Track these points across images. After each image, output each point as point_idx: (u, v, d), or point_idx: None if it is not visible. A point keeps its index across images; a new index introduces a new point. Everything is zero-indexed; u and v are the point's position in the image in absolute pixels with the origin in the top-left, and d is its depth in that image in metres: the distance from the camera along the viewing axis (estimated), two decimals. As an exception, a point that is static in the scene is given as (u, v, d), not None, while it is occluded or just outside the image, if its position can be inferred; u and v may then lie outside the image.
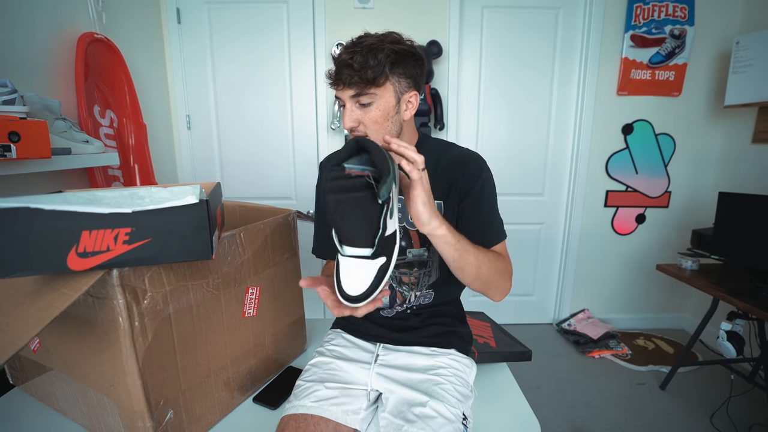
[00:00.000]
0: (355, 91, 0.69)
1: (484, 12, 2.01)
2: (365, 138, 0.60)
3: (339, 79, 0.70)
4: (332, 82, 0.72)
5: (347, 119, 0.72)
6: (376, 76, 0.68)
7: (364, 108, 0.71)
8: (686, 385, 1.78)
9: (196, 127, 2.08)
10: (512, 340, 1.04)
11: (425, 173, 0.59)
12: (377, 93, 0.70)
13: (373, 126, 0.72)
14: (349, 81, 0.68)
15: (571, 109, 2.12)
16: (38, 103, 1.05)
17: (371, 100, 0.70)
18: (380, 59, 0.67)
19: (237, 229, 0.77)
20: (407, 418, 0.67)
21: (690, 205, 2.19)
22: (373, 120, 0.71)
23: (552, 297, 2.36)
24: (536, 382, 1.82)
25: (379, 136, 0.72)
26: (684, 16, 1.96)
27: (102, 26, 1.44)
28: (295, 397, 0.74)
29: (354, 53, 0.67)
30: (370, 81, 0.68)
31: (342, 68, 0.68)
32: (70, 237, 0.51)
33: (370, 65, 0.67)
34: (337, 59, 0.70)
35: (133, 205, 0.51)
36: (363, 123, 0.71)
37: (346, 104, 0.72)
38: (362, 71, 0.67)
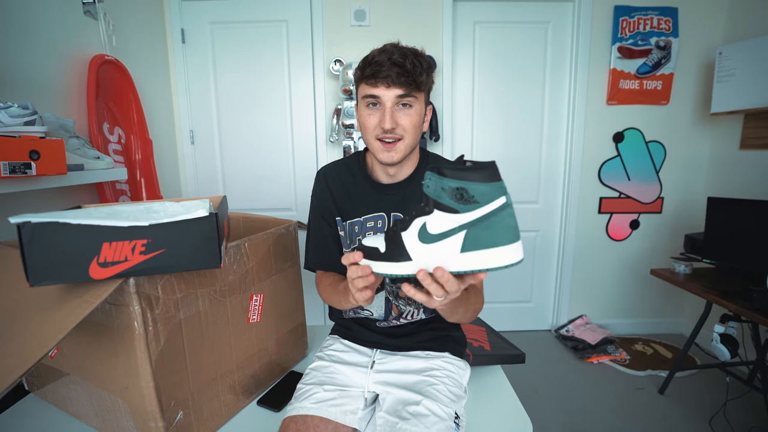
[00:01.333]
0: (403, 92, 0.69)
1: (476, 27, 2.09)
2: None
3: (385, 77, 0.68)
4: (370, 79, 0.70)
5: (388, 119, 0.70)
6: (423, 80, 0.71)
7: (404, 111, 0.72)
8: (684, 389, 1.81)
9: (200, 142, 2.15)
10: (507, 344, 1.08)
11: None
12: (417, 98, 0.72)
13: (411, 131, 0.73)
14: (398, 80, 0.68)
15: (562, 119, 2.19)
16: (55, 123, 1.11)
17: (412, 104, 0.71)
18: (425, 66, 0.71)
19: (242, 240, 0.82)
20: (402, 416, 0.70)
21: (682, 210, 2.24)
22: (412, 124, 0.72)
23: (550, 303, 2.40)
24: (534, 388, 1.84)
25: (412, 140, 0.74)
26: (668, 28, 2.04)
27: (112, 48, 1.51)
28: (296, 400, 0.77)
29: (405, 55, 0.68)
30: (417, 85, 0.70)
31: (391, 66, 0.67)
32: (93, 248, 0.56)
33: (420, 70, 0.69)
34: (381, 57, 0.69)
35: (149, 219, 0.57)
36: (401, 126, 0.72)
37: (386, 104, 0.70)
38: (414, 73, 0.68)
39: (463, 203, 0.45)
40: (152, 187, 1.69)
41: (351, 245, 0.84)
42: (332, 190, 0.85)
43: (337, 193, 0.85)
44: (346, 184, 0.85)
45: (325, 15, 2.01)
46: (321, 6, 2.00)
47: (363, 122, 0.76)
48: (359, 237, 0.83)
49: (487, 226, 0.45)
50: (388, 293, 0.85)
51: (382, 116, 0.72)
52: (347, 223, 0.84)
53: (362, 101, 0.75)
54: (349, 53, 2.02)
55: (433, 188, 0.47)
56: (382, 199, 0.82)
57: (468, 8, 2.07)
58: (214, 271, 0.75)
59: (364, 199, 0.83)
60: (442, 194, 0.46)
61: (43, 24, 1.23)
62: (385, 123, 0.71)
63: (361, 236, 0.83)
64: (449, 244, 0.47)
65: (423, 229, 0.49)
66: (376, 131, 0.74)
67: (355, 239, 0.83)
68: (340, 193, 0.85)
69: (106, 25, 1.47)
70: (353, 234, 0.84)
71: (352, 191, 0.84)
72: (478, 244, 0.46)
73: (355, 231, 0.83)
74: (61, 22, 1.30)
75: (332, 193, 0.85)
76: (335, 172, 0.87)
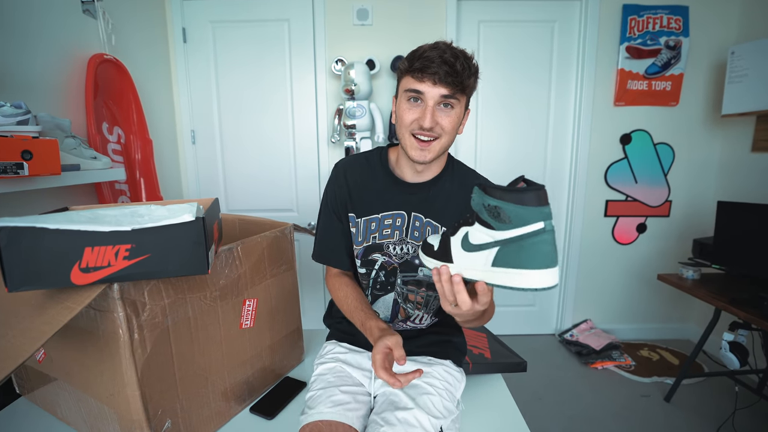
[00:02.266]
0: (449, 92, 0.68)
1: (481, 26, 2.06)
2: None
3: (433, 73, 0.67)
4: (417, 73, 0.68)
5: (429, 117, 0.69)
6: (470, 84, 0.69)
7: (445, 111, 0.70)
8: (691, 397, 1.76)
9: (201, 142, 2.13)
10: (508, 351, 1.05)
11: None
12: (460, 100, 0.71)
13: (450, 131, 0.72)
14: (445, 79, 0.67)
15: (568, 120, 2.14)
16: (50, 122, 1.10)
17: (454, 105, 0.70)
18: (473, 70, 0.69)
19: (234, 243, 0.80)
20: (388, 421, 0.68)
21: (691, 214, 2.18)
22: (451, 125, 0.71)
23: (554, 307, 2.35)
24: (538, 394, 1.80)
25: (447, 142, 0.73)
26: (678, 27, 1.99)
27: (111, 47, 1.50)
28: (309, 407, 0.73)
29: (456, 56, 0.67)
30: (463, 88, 0.69)
31: (441, 64, 0.66)
32: (74, 253, 0.54)
33: (468, 73, 0.68)
34: (432, 53, 0.67)
35: (132, 223, 0.55)
36: (440, 125, 0.71)
37: (429, 102, 0.69)
38: (463, 75, 0.67)
39: (499, 222, 0.48)
40: (152, 187, 1.68)
41: (364, 242, 0.81)
42: (350, 185, 0.82)
43: (356, 187, 0.82)
44: (366, 179, 0.82)
45: (327, 14, 1.99)
46: (323, 5, 1.97)
47: (401, 115, 0.73)
48: (374, 234, 0.81)
49: (518, 248, 0.48)
50: (397, 295, 0.83)
51: (423, 113, 0.70)
52: (362, 219, 0.81)
53: (404, 94, 0.72)
54: (351, 53, 1.99)
55: (476, 203, 0.51)
56: (403, 197, 0.80)
57: (472, 7, 2.03)
58: (205, 276, 0.73)
59: (385, 196, 0.81)
60: (482, 210, 0.50)
61: (42, 23, 1.22)
62: (425, 121, 0.69)
63: (377, 233, 0.80)
64: (484, 255, 0.51)
65: (465, 237, 0.53)
66: (413, 126, 0.71)
67: (369, 237, 0.81)
68: (358, 188, 0.82)
69: (106, 24, 1.46)
70: (368, 231, 0.81)
71: (371, 187, 0.82)
72: (507, 263, 0.49)
73: (371, 228, 0.81)
74: (59, 21, 1.29)
75: (350, 188, 0.82)
76: (356, 165, 0.84)
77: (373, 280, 0.83)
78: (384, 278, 0.82)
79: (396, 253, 0.80)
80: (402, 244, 0.80)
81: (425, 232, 0.78)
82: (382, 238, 0.80)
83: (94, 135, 1.35)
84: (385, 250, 0.81)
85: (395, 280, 0.82)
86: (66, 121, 1.14)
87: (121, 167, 1.44)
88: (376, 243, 0.80)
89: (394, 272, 0.81)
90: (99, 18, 1.44)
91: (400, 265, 0.81)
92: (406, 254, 0.80)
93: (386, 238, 0.80)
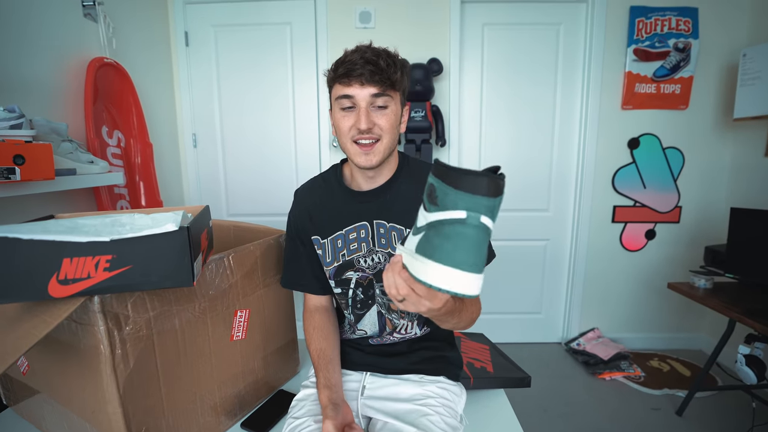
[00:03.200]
0: (377, 90, 0.67)
1: (485, 29, 2.03)
2: None
3: (359, 75, 0.65)
4: (343, 78, 0.67)
5: (363, 119, 0.67)
6: (399, 79, 0.68)
7: (380, 111, 0.69)
8: (705, 412, 1.69)
9: (202, 146, 2.12)
10: (511, 365, 1.01)
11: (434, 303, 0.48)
12: (393, 97, 0.69)
13: (389, 130, 0.70)
14: (372, 79, 0.65)
15: (575, 124, 2.10)
16: (45, 126, 1.08)
17: (387, 103, 0.69)
18: (399, 66, 0.68)
19: (225, 252, 0.77)
20: None
21: (702, 220, 2.12)
22: (389, 124, 0.70)
23: (560, 315, 2.30)
24: (543, 406, 1.75)
25: (390, 142, 0.71)
26: (688, 29, 1.94)
27: (112, 51, 1.49)
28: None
29: (377, 54, 0.66)
30: (392, 83, 0.67)
31: (364, 65, 0.65)
32: (51, 264, 0.51)
33: (394, 68, 0.67)
34: (354, 56, 0.66)
35: (113, 233, 0.52)
36: (378, 125, 0.69)
37: (361, 104, 0.68)
38: (389, 71, 0.66)
39: (430, 202, 0.42)
40: (152, 191, 1.66)
41: (334, 262, 0.79)
42: (309, 209, 0.81)
43: (315, 209, 0.81)
44: (324, 199, 0.81)
45: (329, 17, 1.97)
46: (325, 8, 1.96)
47: (338, 125, 0.72)
48: (342, 252, 0.78)
49: (439, 235, 0.40)
50: (380, 306, 0.80)
51: (357, 117, 0.68)
52: (327, 240, 0.79)
53: (336, 103, 0.71)
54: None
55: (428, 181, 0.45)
56: (361, 208, 0.77)
57: (476, 10, 2.01)
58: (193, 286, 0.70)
59: (344, 211, 0.78)
60: (425, 188, 0.44)
61: (41, 27, 1.21)
62: (361, 123, 0.68)
63: (345, 250, 0.78)
64: (415, 240, 0.44)
65: (416, 219, 0.47)
66: (352, 133, 0.70)
67: (338, 255, 0.78)
68: (318, 209, 0.81)
69: (107, 27, 1.45)
70: (336, 250, 0.79)
71: (330, 206, 0.80)
72: (426, 251, 0.41)
73: (338, 246, 0.78)
74: (59, 24, 1.29)
75: (309, 212, 0.81)
76: (314, 188, 0.84)
77: (351, 300, 0.81)
78: (362, 295, 0.80)
79: (368, 265, 0.77)
80: (371, 255, 0.77)
81: (392, 238, 0.75)
82: (351, 253, 0.77)
83: (93, 139, 1.34)
84: (356, 266, 0.78)
85: (374, 292, 0.79)
86: (62, 125, 1.13)
87: (120, 171, 1.43)
88: (347, 260, 0.78)
89: (371, 284, 0.79)
90: (100, 22, 1.43)
91: (374, 275, 0.78)
92: (378, 263, 0.77)
93: (354, 252, 0.77)
